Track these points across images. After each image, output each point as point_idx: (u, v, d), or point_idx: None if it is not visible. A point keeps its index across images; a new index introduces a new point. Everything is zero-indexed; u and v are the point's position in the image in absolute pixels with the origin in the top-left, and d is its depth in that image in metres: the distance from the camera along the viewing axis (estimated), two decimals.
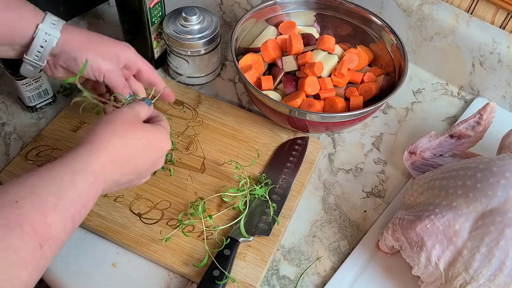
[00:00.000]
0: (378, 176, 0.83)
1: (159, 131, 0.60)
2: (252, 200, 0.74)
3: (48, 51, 0.64)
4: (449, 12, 0.89)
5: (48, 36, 0.63)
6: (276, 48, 0.87)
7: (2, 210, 0.45)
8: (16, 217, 0.45)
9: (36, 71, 0.67)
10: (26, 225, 0.45)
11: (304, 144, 0.82)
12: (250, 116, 0.86)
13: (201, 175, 0.78)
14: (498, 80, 0.90)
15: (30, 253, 0.45)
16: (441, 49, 0.93)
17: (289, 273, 0.72)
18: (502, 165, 0.63)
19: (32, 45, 0.64)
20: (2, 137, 0.82)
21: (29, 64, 0.66)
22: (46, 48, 0.64)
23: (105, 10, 1.02)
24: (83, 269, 0.69)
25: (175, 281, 0.69)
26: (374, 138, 0.88)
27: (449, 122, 0.91)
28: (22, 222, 0.45)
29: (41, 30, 0.63)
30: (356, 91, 0.83)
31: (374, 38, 0.89)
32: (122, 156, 0.55)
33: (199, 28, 0.84)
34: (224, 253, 0.68)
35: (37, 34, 0.63)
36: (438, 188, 0.66)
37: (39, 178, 0.49)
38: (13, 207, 0.45)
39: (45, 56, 0.65)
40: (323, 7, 0.92)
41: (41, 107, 0.85)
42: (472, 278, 0.59)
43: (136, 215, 0.73)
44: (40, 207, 0.47)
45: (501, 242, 0.58)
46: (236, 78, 0.94)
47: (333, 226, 0.76)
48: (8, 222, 0.45)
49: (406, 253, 0.67)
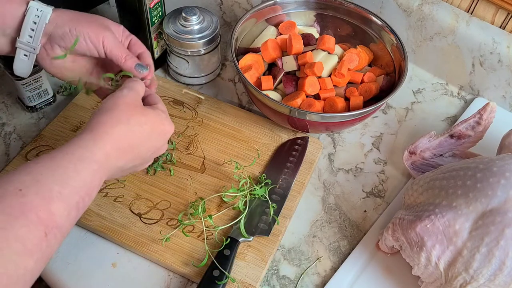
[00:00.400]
0: (378, 176, 0.83)
1: (161, 116, 0.60)
2: (252, 200, 0.74)
3: (42, 28, 0.61)
4: (449, 12, 0.89)
5: (40, 12, 0.60)
6: (276, 48, 0.87)
7: (6, 199, 0.45)
8: (21, 206, 0.45)
9: (31, 63, 0.64)
10: (30, 214, 0.45)
11: (304, 144, 0.82)
12: (250, 116, 0.86)
13: (201, 175, 0.78)
14: (498, 80, 0.90)
15: (35, 241, 0.45)
16: (441, 49, 0.93)
17: (289, 273, 0.72)
18: (502, 165, 0.63)
19: (24, 22, 0.60)
20: (2, 137, 0.82)
21: (23, 51, 0.62)
22: (39, 24, 0.61)
23: (105, 10, 1.02)
24: (83, 269, 0.69)
25: (175, 281, 0.69)
26: (374, 138, 0.88)
27: (449, 122, 0.91)
28: (27, 210, 0.45)
29: (32, 6, 0.60)
30: (356, 91, 0.83)
31: (374, 38, 0.89)
32: (126, 143, 0.55)
33: (199, 28, 0.84)
34: (224, 253, 0.68)
35: (29, 10, 0.60)
36: (438, 188, 0.66)
37: (43, 166, 0.49)
38: (17, 195, 0.45)
39: (39, 34, 0.61)
40: (323, 7, 0.92)
41: (41, 107, 0.85)
42: (472, 278, 0.59)
43: (136, 215, 0.73)
44: (45, 195, 0.47)
45: (501, 242, 0.58)
46: (236, 78, 0.95)
47: (333, 226, 0.76)
48: (12, 210, 0.45)
49: (406, 253, 0.67)
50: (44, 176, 0.48)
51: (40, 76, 0.81)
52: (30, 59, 0.63)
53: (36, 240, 0.45)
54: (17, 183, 0.46)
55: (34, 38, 0.61)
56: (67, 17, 0.62)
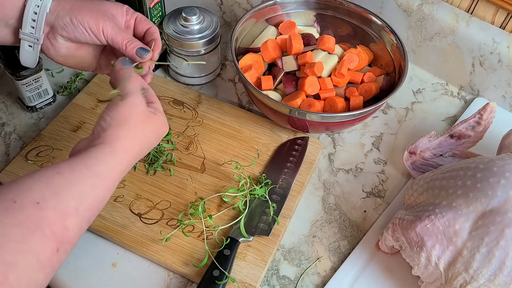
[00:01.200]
0: (378, 176, 0.83)
1: (161, 120, 0.61)
2: (252, 200, 0.74)
3: (43, 17, 0.61)
4: (449, 12, 0.89)
5: (40, 2, 0.60)
6: (276, 48, 0.87)
7: (24, 211, 0.45)
8: (38, 220, 0.45)
9: (36, 53, 0.64)
10: (46, 229, 0.45)
11: (304, 144, 0.82)
12: (250, 116, 0.86)
13: (201, 175, 0.78)
14: (498, 80, 0.90)
15: (48, 256, 0.45)
16: (441, 49, 0.93)
17: (289, 273, 0.72)
18: (502, 165, 0.63)
19: (25, 13, 0.60)
20: (2, 137, 0.82)
21: (27, 42, 0.62)
22: (39, 15, 0.60)
23: None
24: (83, 269, 0.69)
25: (175, 281, 0.69)
26: (374, 138, 0.88)
27: (449, 122, 0.91)
28: (43, 225, 0.45)
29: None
30: (356, 91, 0.83)
31: (374, 38, 0.89)
32: (137, 151, 0.57)
33: (199, 28, 0.84)
34: (224, 253, 0.68)
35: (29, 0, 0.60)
36: (438, 188, 0.66)
37: (63, 179, 0.49)
38: (35, 208, 0.46)
39: (41, 25, 0.61)
40: (323, 7, 0.92)
41: (41, 107, 0.85)
42: (472, 278, 0.59)
43: (136, 215, 0.73)
44: (61, 211, 0.47)
45: (501, 242, 0.58)
46: (236, 78, 0.94)
47: (333, 226, 0.76)
48: (30, 224, 0.45)
49: (406, 253, 0.67)
50: (65, 189, 0.48)
51: (40, 76, 0.81)
52: (35, 49, 0.64)
53: (49, 254, 0.45)
54: (36, 194, 0.47)
55: (36, 28, 0.61)
56: (68, 6, 0.62)
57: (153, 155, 0.78)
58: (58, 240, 0.46)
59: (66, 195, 0.48)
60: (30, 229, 0.44)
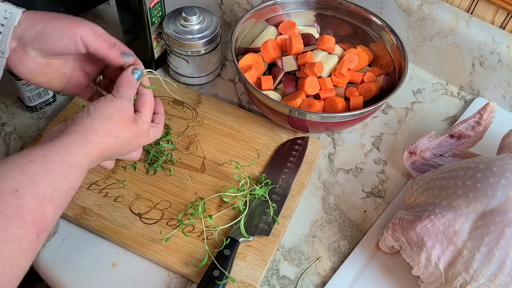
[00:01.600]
0: (378, 176, 0.83)
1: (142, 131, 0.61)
2: (252, 200, 0.74)
3: (9, 30, 0.57)
4: (449, 12, 0.89)
5: (9, 14, 0.58)
6: (276, 48, 0.87)
7: (3, 199, 0.46)
8: (18, 207, 0.47)
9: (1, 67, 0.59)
10: (26, 216, 0.47)
11: (304, 144, 0.82)
12: (250, 116, 0.86)
13: (201, 175, 0.78)
14: (498, 80, 0.90)
15: (30, 242, 0.47)
16: (441, 49, 0.93)
17: (289, 273, 0.72)
18: (502, 165, 0.63)
19: None
20: (2, 137, 0.82)
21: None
22: (6, 27, 0.57)
23: (105, 10, 1.02)
24: (83, 269, 0.69)
25: (175, 281, 0.69)
26: (374, 138, 0.88)
27: (449, 122, 0.91)
28: (24, 212, 0.47)
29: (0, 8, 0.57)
30: (356, 91, 0.83)
31: (374, 38, 0.89)
32: (109, 152, 0.58)
33: (199, 28, 0.84)
34: (224, 253, 0.68)
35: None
36: (438, 188, 0.66)
37: (37, 167, 0.50)
38: (14, 196, 0.47)
39: (7, 37, 0.58)
40: (323, 7, 0.92)
41: (41, 107, 0.85)
42: (472, 278, 0.59)
43: (136, 215, 0.73)
44: (39, 198, 0.48)
45: (501, 242, 0.58)
46: (236, 78, 0.95)
47: (333, 226, 0.76)
48: (10, 212, 0.46)
49: (406, 253, 0.67)
50: (40, 177, 0.49)
51: None
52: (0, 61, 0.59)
53: (30, 241, 0.47)
54: (13, 182, 0.47)
55: (2, 41, 0.58)
56: (38, 17, 0.59)
57: (153, 155, 0.78)
58: (37, 226, 0.48)
59: (42, 182, 0.49)
60: (11, 217, 0.46)
